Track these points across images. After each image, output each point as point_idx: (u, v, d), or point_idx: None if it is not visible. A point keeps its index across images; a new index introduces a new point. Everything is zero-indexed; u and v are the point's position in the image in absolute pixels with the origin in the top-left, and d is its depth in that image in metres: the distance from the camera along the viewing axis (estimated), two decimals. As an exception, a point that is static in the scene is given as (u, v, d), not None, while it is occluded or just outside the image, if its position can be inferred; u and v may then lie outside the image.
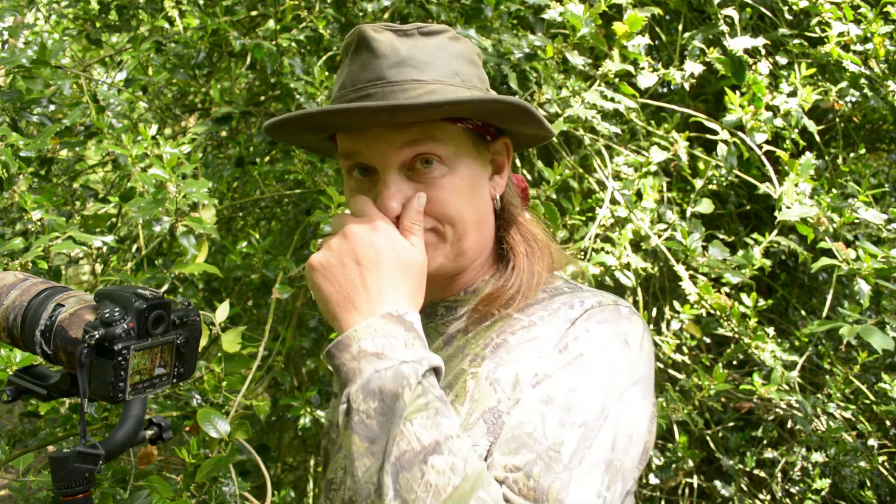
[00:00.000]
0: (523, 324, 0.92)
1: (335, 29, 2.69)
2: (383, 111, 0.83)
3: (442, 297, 1.00)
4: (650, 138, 2.52)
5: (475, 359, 0.91)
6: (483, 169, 0.96)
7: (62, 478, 0.86)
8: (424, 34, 0.91)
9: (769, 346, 2.14)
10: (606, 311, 0.89)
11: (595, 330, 0.87)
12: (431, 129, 0.88)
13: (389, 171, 0.89)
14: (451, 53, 0.92)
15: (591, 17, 2.09)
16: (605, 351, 0.85)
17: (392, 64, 0.88)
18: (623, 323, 0.88)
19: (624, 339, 0.87)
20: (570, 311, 0.90)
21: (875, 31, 2.32)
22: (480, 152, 0.95)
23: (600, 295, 0.93)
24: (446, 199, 0.90)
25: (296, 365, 2.97)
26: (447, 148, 0.90)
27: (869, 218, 2.09)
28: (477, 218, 0.94)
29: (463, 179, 0.91)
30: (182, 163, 1.86)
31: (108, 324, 0.83)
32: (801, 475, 2.39)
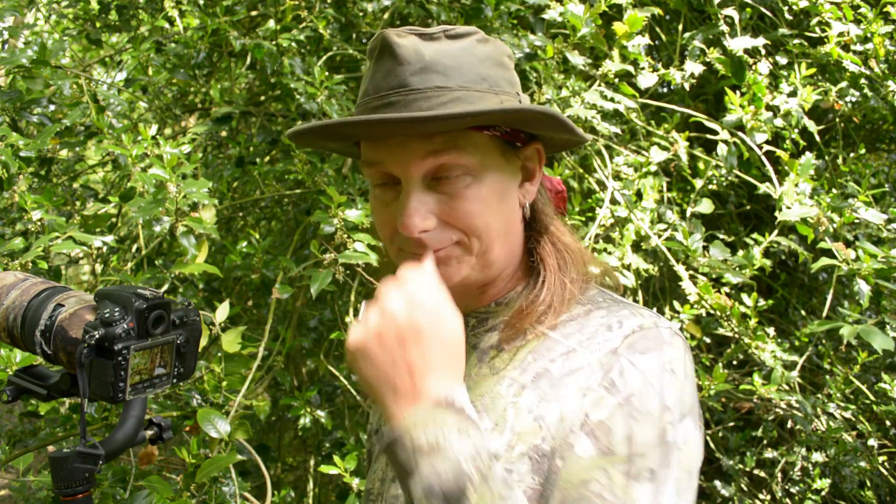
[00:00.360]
0: (562, 349, 0.88)
1: (335, 29, 2.69)
2: (403, 123, 0.81)
3: (473, 307, 0.97)
4: (650, 138, 2.52)
5: (513, 384, 0.88)
6: (512, 177, 0.92)
7: (62, 478, 0.86)
8: (451, 37, 0.88)
9: (769, 346, 2.14)
10: (648, 336, 0.85)
11: (640, 363, 0.83)
12: (456, 138, 0.85)
13: (412, 182, 0.86)
14: (478, 57, 0.88)
15: (591, 17, 2.09)
16: (654, 386, 0.81)
17: (415, 70, 0.85)
18: (666, 349, 0.84)
19: (670, 367, 0.83)
20: (608, 334, 0.86)
21: (875, 31, 2.32)
22: (509, 160, 0.92)
23: (639, 314, 0.88)
24: (471, 211, 0.87)
25: (296, 365, 2.97)
26: (472, 157, 0.86)
27: (869, 218, 2.09)
28: (504, 228, 0.91)
29: (489, 190, 0.88)
30: (182, 163, 1.86)
31: (108, 324, 0.83)
32: (801, 475, 2.39)
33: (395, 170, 0.87)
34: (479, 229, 0.88)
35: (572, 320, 0.91)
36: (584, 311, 0.92)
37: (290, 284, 2.21)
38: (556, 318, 0.91)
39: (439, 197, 0.87)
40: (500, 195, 0.90)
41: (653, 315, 0.89)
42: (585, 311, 0.91)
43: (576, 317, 0.91)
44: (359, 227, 2.03)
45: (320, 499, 2.86)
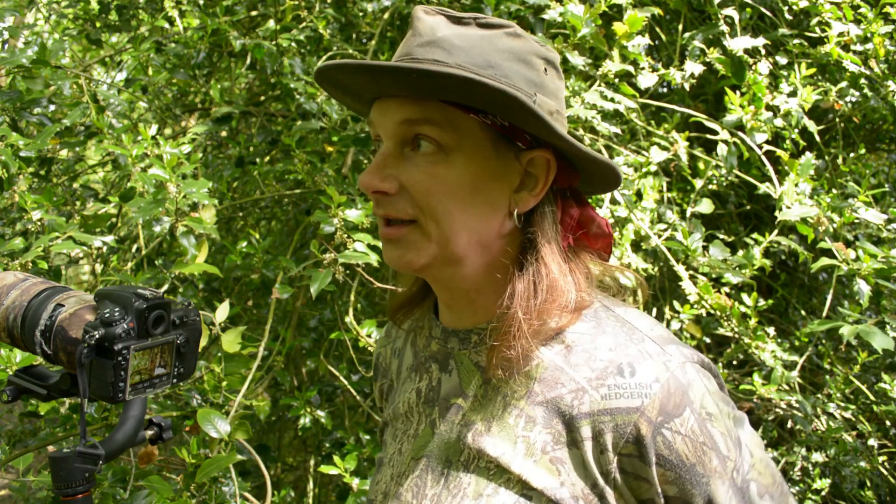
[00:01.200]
0: (571, 385, 0.83)
1: (335, 29, 2.69)
2: (362, 69, 0.80)
3: (474, 321, 0.92)
4: (650, 138, 2.52)
5: (521, 415, 0.85)
6: (500, 175, 0.85)
7: (62, 478, 0.86)
8: (480, 25, 0.85)
9: (769, 346, 2.14)
10: (671, 390, 0.80)
11: (681, 427, 0.79)
12: (432, 111, 0.82)
13: (388, 144, 0.86)
14: (496, 46, 0.83)
15: (591, 17, 2.09)
16: (706, 444, 0.80)
17: (423, 43, 0.84)
18: (692, 394, 0.81)
19: (705, 413, 0.81)
20: (620, 380, 0.81)
21: (875, 31, 2.32)
22: (503, 157, 0.85)
23: (646, 353, 0.82)
24: (430, 189, 0.83)
25: (296, 365, 2.97)
26: (448, 136, 0.82)
27: (869, 218, 2.09)
28: (476, 226, 0.85)
29: (459, 176, 0.83)
30: (182, 163, 1.86)
31: (108, 324, 0.83)
32: (801, 475, 2.39)
33: (380, 130, 0.87)
34: (437, 213, 0.83)
35: (578, 345, 0.85)
36: (590, 332, 0.86)
37: (290, 284, 2.21)
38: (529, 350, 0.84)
39: (408, 166, 0.84)
40: (474, 188, 0.84)
41: (656, 347, 0.83)
42: (591, 332, 0.86)
43: (582, 340, 0.86)
44: (359, 227, 2.03)
45: (320, 499, 2.86)
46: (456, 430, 0.90)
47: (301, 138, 2.50)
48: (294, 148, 2.45)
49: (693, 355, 0.85)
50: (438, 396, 0.94)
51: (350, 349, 2.28)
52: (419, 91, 0.82)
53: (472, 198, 0.84)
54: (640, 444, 0.79)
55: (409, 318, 1.06)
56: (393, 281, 2.49)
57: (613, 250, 2.28)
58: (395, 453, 0.99)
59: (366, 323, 2.15)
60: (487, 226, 0.86)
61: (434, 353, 0.98)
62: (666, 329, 0.89)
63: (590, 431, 0.81)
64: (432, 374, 0.97)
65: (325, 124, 2.36)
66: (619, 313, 0.89)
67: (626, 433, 0.79)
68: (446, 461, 0.89)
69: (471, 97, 0.80)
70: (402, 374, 1.06)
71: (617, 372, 0.82)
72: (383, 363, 1.14)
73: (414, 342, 1.05)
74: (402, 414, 1.00)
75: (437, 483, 0.89)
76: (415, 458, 0.93)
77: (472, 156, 0.84)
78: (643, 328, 0.86)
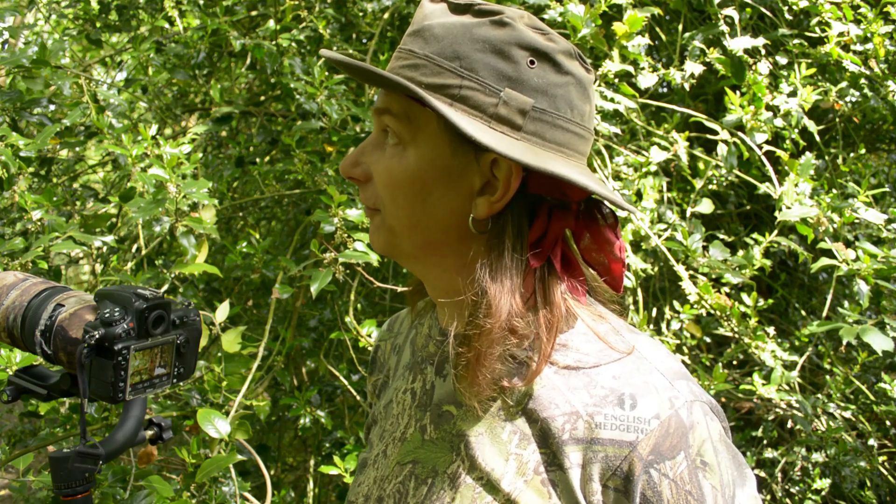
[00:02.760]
0: (566, 407, 0.79)
1: (335, 29, 2.69)
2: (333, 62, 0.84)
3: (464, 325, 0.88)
4: (650, 138, 2.52)
5: (516, 432, 0.81)
6: (456, 176, 0.81)
7: (62, 478, 0.86)
8: (475, 13, 0.80)
9: (769, 346, 2.14)
10: (671, 431, 0.76)
11: (670, 471, 0.75)
12: (393, 102, 0.83)
13: (373, 133, 0.87)
14: (471, 36, 0.78)
15: (591, 17, 2.09)
16: (691, 494, 0.75)
17: (410, 32, 0.83)
18: (691, 438, 0.76)
19: (700, 462, 0.76)
20: (619, 412, 0.77)
21: (875, 31, 2.32)
22: (460, 156, 0.80)
23: (652, 387, 0.78)
24: (383, 179, 0.84)
25: (296, 365, 2.97)
26: (403, 128, 0.82)
27: (869, 218, 2.09)
28: (428, 224, 0.82)
29: (410, 169, 0.81)
30: (182, 163, 1.86)
31: (108, 324, 0.83)
32: (801, 475, 2.39)
33: None
34: (384, 201, 0.84)
35: (579, 366, 0.81)
36: (595, 354, 0.82)
37: (290, 284, 2.21)
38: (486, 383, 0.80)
39: (378, 157, 0.85)
40: (423, 185, 0.81)
41: (664, 381, 0.79)
42: (595, 355, 0.81)
43: (585, 361, 0.81)
44: (359, 226, 2.03)
45: (320, 499, 2.86)
46: (447, 438, 0.86)
47: (301, 138, 2.50)
48: (294, 148, 2.45)
49: (703, 395, 0.81)
50: (431, 401, 0.91)
51: (350, 349, 2.28)
52: (379, 84, 0.84)
53: (421, 195, 0.81)
54: (627, 480, 0.75)
55: (414, 314, 1.05)
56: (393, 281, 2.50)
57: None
58: (379, 455, 0.95)
59: (366, 323, 2.15)
60: (439, 228, 0.83)
61: (431, 355, 0.95)
62: (679, 363, 0.84)
63: (579, 458, 0.77)
64: (427, 377, 0.94)
65: (325, 124, 2.36)
66: (629, 339, 0.84)
67: (614, 466, 0.75)
68: (432, 470, 0.86)
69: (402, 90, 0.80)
70: (397, 371, 1.03)
71: (617, 402, 0.77)
72: (381, 357, 1.11)
73: (414, 340, 1.02)
74: (393, 415, 0.97)
75: (419, 492, 0.85)
76: (400, 462, 0.90)
77: (425, 151, 0.81)
78: (653, 359, 0.82)
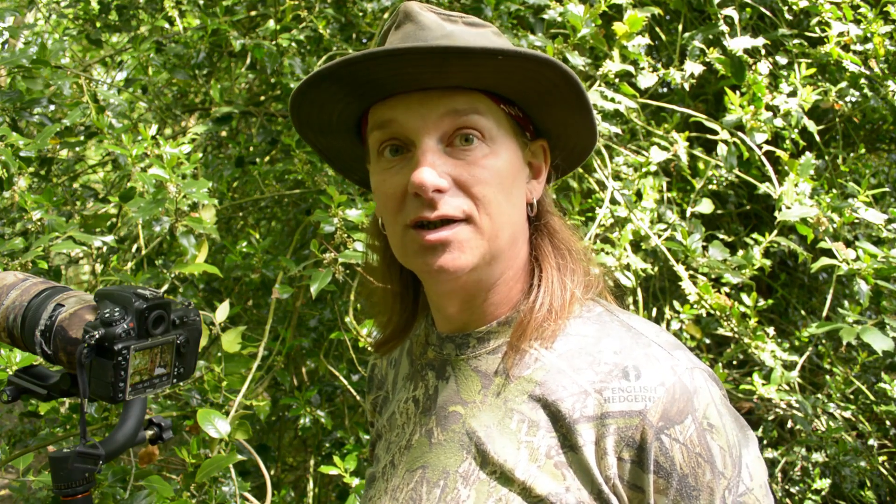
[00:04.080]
0: (573, 388, 0.81)
1: (335, 29, 2.69)
2: (432, 53, 0.74)
3: (475, 325, 0.90)
4: (650, 138, 2.52)
5: (524, 420, 0.83)
6: (522, 165, 0.87)
7: (62, 478, 0.86)
8: (468, 24, 0.85)
9: (769, 346, 2.14)
10: (676, 396, 0.78)
11: (680, 435, 0.77)
12: (477, 101, 0.80)
13: (427, 141, 0.79)
14: (495, 43, 0.84)
15: (591, 17, 2.09)
16: (702, 457, 0.77)
17: (438, 36, 0.81)
18: (696, 401, 0.78)
19: (707, 424, 0.78)
20: (625, 383, 0.79)
21: (875, 31, 2.32)
22: (520, 146, 0.87)
23: (653, 357, 0.81)
24: (488, 179, 0.80)
25: (296, 365, 2.97)
26: (491, 126, 0.81)
27: (869, 218, 2.09)
28: (512, 216, 0.84)
29: (505, 165, 0.82)
30: (182, 163, 1.86)
31: (108, 324, 0.83)
32: (801, 475, 2.39)
33: (409, 129, 0.80)
34: (491, 203, 0.81)
35: (581, 348, 0.84)
36: (594, 335, 0.85)
37: (290, 284, 2.21)
38: (558, 323, 0.85)
39: (455, 162, 0.80)
40: (513, 177, 0.84)
41: (663, 351, 0.82)
42: (595, 335, 0.85)
43: (585, 343, 0.85)
44: (359, 226, 2.03)
45: (320, 499, 2.86)
46: (456, 438, 0.87)
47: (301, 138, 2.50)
48: (294, 148, 2.45)
49: (700, 363, 0.83)
50: (436, 405, 0.91)
51: (350, 349, 2.28)
52: (477, 77, 0.79)
53: (511, 188, 0.84)
54: (640, 449, 0.77)
55: (398, 347, 1.04)
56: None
57: (612, 251, 2.28)
58: (387, 466, 0.95)
59: (366, 323, 2.15)
60: (520, 217, 0.87)
61: (430, 361, 0.95)
62: (672, 336, 0.87)
63: (592, 435, 0.78)
64: (428, 382, 0.94)
65: (325, 124, 2.36)
66: (623, 318, 0.88)
67: (627, 437, 0.77)
68: (443, 472, 0.86)
69: (530, 83, 0.81)
70: (397, 383, 1.03)
71: (622, 375, 0.80)
72: (378, 375, 1.10)
73: (410, 350, 1.02)
74: (398, 425, 0.96)
75: (432, 495, 0.85)
76: (409, 469, 0.90)
77: (507, 146, 0.84)
78: (649, 333, 0.85)
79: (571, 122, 0.89)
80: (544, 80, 0.81)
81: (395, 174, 0.82)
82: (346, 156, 0.98)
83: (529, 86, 0.82)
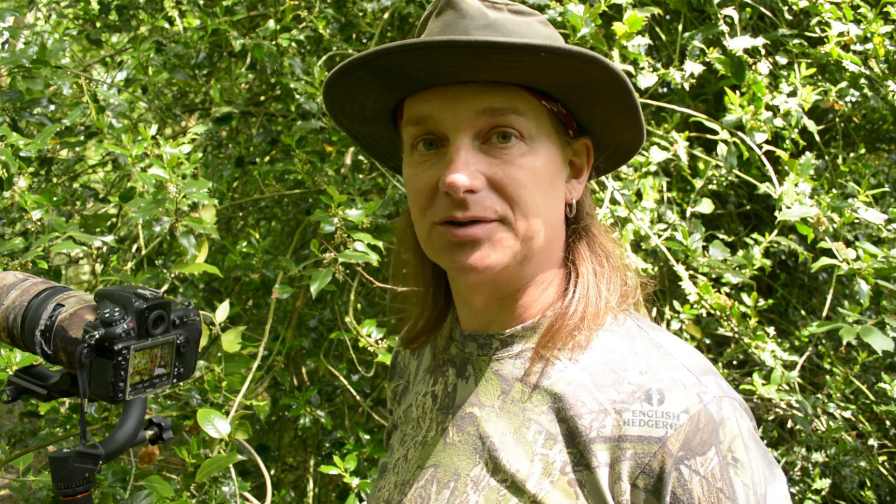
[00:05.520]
0: (594, 405, 0.78)
1: (335, 29, 2.69)
2: (466, 48, 0.71)
3: (500, 326, 0.87)
4: (650, 138, 2.52)
5: (541, 431, 0.80)
6: (562, 164, 0.84)
7: (62, 478, 0.86)
8: (513, 12, 0.82)
9: (769, 346, 2.14)
10: (700, 426, 0.74)
11: (701, 467, 0.72)
12: (516, 98, 0.77)
13: (462, 138, 0.77)
14: (540, 33, 0.81)
15: (591, 17, 2.09)
16: (723, 492, 0.72)
17: (480, 26, 0.78)
18: (722, 433, 0.74)
19: (732, 458, 0.73)
20: (647, 407, 0.75)
21: (875, 31, 2.32)
22: (562, 145, 0.83)
23: (680, 382, 0.76)
24: (523, 180, 0.77)
25: (296, 365, 2.97)
26: (530, 124, 0.78)
27: (869, 218, 2.09)
28: (549, 217, 0.81)
29: (544, 165, 0.79)
30: (182, 163, 1.86)
31: (108, 324, 0.83)
32: (801, 475, 2.39)
33: (444, 124, 0.78)
34: (528, 205, 0.78)
35: (606, 363, 0.81)
36: (621, 350, 0.82)
37: (290, 284, 2.21)
38: (591, 332, 0.82)
39: (490, 160, 0.78)
40: (552, 177, 0.81)
41: (691, 376, 0.78)
42: (622, 351, 0.82)
43: (611, 359, 0.81)
44: (359, 226, 2.03)
45: (320, 499, 2.86)
46: (470, 441, 0.85)
47: (301, 138, 2.50)
48: (294, 148, 2.45)
49: (731, 391, 0.79)
50: (453, 403, 0.90)
51: (350, 349, 2.28)
52: (513, 73, 0.75)
53: (550, 188, 0.81)
54: (657, 478, 0.73)
55: (429, 343, 1.01)
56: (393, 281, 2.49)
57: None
58: (400, 459, 0.94)
59: (366, 323, 2.15)
60: (557, 217, 0.84)
61: (452, 357, 0.93)
62: (705, 359, 0.83)
63: (607, 457, 0.75)
64: (448, 379, 0.92)
65: (325, 124, 2.36)
66: (653, 336, 0.84)
67: (643, 464, 0.74)
68: (454, 473, 0.84)
69: (574, 80, 0.76)
70: (417, 375, 1.02)
71: (644, 398, 0.76)
72: (401, 363, 1.09)
73: (434, 343, 1.00)
74: (413, 419, 0.95)
75: (441, 496, 0.84)
76: (421, 466, 0.89)
77: (547, 145, 0.81)
78: (679, 355, 0.81)
79: (617, 121, 0.84)
80: (590, 77, 0.77)
81: (428, 169, 0.80)
82: (381, 144, 0.96)
83: (573, 82, 0.77)
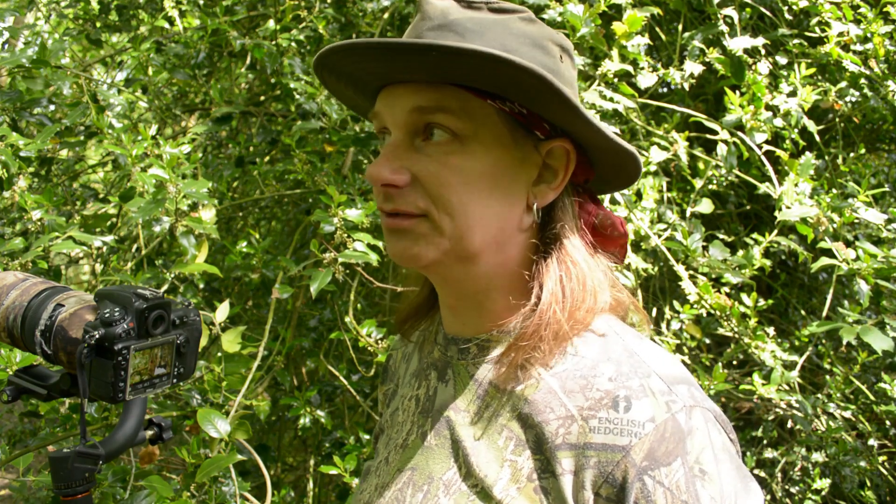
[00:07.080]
0: (561, 411, 0.77)
1: (335, 29, 2.69)
2: (377, 49, 0.73)
3: (475, 330, 0.87)
4: (650, 138, 2.52)
5: (511, 437, 0.79)
6: (518, 167, 0.80)
7: (62, 478, 0.86)
8: (493, 10, 0.80)
9: (769, 346, 2.14)
10: (666, 436, 0.72)
11: (665, 479, 0.70)
12: (447, 97, 0.76)
13: (396, 135, 0.80)
14: (511, 31, 0.78)
15: (590, 17, 2.09)
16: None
17: (433, 27, 0.78)
18: (689, 444, 0.72)
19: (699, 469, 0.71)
20: (613, 414, 0.74)
21: (875, 31, 2.32)
22: (522, 147, 0.80)
23: (649, 390, 0.74)
24: (447, 180, 0.77)
25: (296, 365, 2.97)
26: (464, 124, 0.77)
27: (869, 218, 2.09)
28: (493, 221, 0.79)
29: (478, 165, 0.77)
30: (182, 163, 1.86)
31: (108, 324, 0.83)
32: (801, 475, 2.39)
33: (387, 120, 0.81)
34: (453, 206, 0.77)
35: (577, 370, 0.79)
36: (593, 357, 0.80)
37: (290, 284, 2.21)
38: (565, 339, 0.80)
39: (420, 157, 0.79)
40: (493, 180, 0.78)
41: (662, 384, 0.76)
42: (594, 357, 0.80)
43: (582, 365, 0.80)
44: (359, 226, 2.03)
45: (320, 499, 2.86)
46: (446, 444, 0.85)
47: (301, 138, 2.50)
48: (294, 148, 2.45)
49: (706, 402, 0.77)
50: (433, 407, 0.90)
51: (350, 349, 2.28)
52: (435, 74, 0.75)
53: (489, 190, 0.78)
54: (619, 488, 0.71)
55: (417, 330, 1.02)
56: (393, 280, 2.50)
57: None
58: (382, 462, 0.95)
59: (366, 323, 2.15)
60: (505, 221, 0.81)
61: (435, 361, 0.94)
62: (682, 369, 0.81)
63: (572, 465, 0.74)
64: (430, 383, 0.93)
65: (325, 124, 2.36)
66: (629, 343, 0.82)
67: (606, 473, 0.72)
68: (429, 477, 0.84)
69: (493, 80, 0.74)
70: (405, 379, 1.02)
71: (611, 405, 0.74)
72: (393, 366, 1.10)
73: (422, 347, 1.01)
74: (398, 423, 0.96)
75: (415, 500, 0.84)
76: (400, 469, 0.89)
77: (489, 145, 0.78)
78: (652, 363, 0.79)
79: (561, 115, 0.79)
80: (505, 75, 0.73)
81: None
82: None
83: (504, 82, 0.74)
